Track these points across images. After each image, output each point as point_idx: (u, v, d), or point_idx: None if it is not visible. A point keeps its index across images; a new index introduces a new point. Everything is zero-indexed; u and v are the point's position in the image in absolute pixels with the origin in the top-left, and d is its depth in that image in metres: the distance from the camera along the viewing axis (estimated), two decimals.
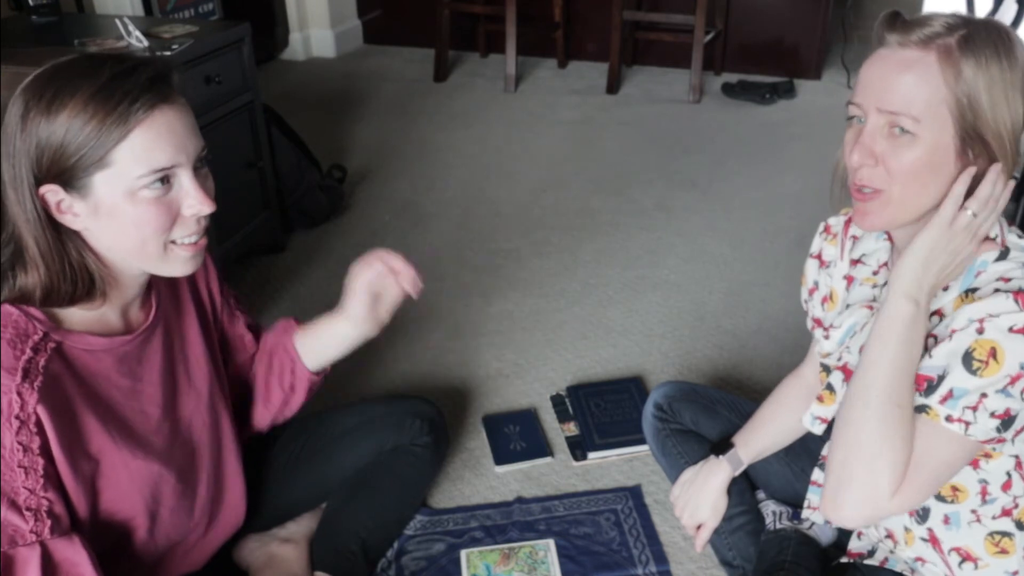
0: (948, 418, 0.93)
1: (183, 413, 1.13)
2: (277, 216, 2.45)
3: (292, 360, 1.29)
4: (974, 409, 0.92)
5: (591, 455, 1.68)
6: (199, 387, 1.16)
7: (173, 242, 0.99)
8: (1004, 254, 0.98)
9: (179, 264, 1.01)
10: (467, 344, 2.05)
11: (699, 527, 1.41)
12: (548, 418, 1.81)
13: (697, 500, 1.38)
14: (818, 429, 1.20)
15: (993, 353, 0.90)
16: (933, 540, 1.11)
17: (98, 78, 0.90)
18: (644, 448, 1.65)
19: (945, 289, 1.01)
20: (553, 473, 1.66)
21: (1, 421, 0.89)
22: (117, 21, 2.16)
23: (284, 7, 4.15)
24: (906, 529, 1.13)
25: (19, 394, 0.90)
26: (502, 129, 3.45)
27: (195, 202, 0.97)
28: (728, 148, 3.22)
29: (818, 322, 1.27)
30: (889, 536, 1.17)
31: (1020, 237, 1.01)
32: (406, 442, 1.45)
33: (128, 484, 1.03)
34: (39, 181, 0.92)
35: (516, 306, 2.22)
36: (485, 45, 4.36)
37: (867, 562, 1.20)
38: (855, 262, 1.17)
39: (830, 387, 1.17)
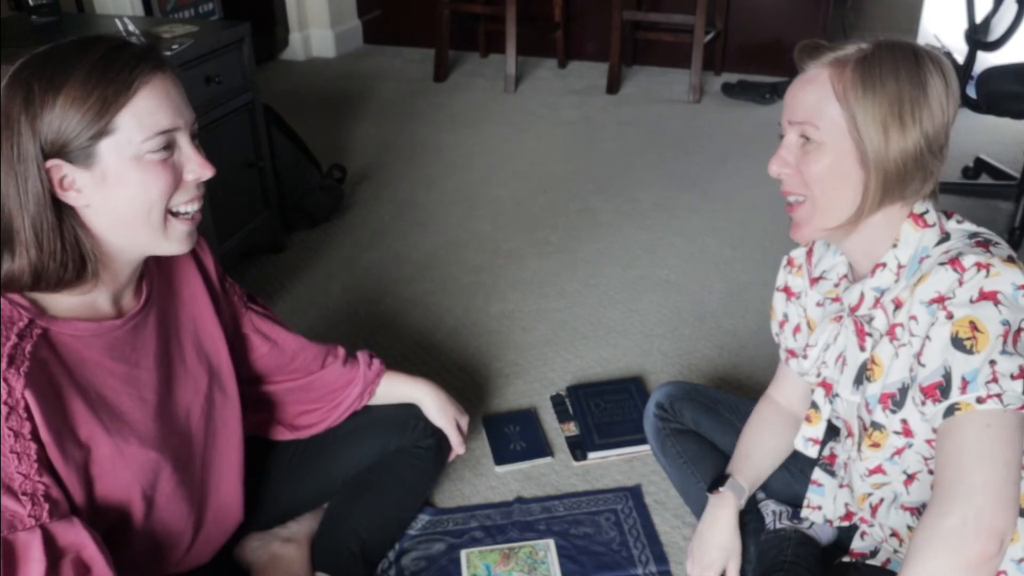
0: (979, 399, 0.91)
1: (180, 400, 1.13)
2: (277, 216, 2.45)
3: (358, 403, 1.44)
4: (995, 380, 0.91)
5: (591, 455, 1.67)
6: (196, 376, 1.16)
7: (174, 213, 1.01)
8: (945, 238, 1.03)
9: (177, 239, 1.02)
10: (467, 344, 2.05)
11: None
12: (548, 418, 1.81)
13: (711, 542, 1.31)
14: (812, 452, 1.21)
15: (974, 326, 0.93)
16: None
17: (96, 52, 0.94)
18: (644, 448, 1.64)
19: (896, 280, 1.04)
20: (553, 473, 1.66)
21: None
22: (117, 21, 2.16)
23: (284, 7, 4.15)
24: (909, 528, 1.13)
25: (6, 380, 0.90)
26: (502, 129, 3.45)
27: (196, 166, 1.00)
28: (728, 148, 3.22)
29: (792, 352, 1.28)
30: (894, 535, 1.17)
31: (960, 223, 1.06)
32: (409, 444, 1.44)
33: (124, 471, 1.03)
34: (46, 157, 0.92)
35: (516, 306, 2.22)
36: (485, 45, 4.36)
37: (869, 562, 1.20)
38: (815, 280, 1.20)
39: (814, 405, 1.18)
